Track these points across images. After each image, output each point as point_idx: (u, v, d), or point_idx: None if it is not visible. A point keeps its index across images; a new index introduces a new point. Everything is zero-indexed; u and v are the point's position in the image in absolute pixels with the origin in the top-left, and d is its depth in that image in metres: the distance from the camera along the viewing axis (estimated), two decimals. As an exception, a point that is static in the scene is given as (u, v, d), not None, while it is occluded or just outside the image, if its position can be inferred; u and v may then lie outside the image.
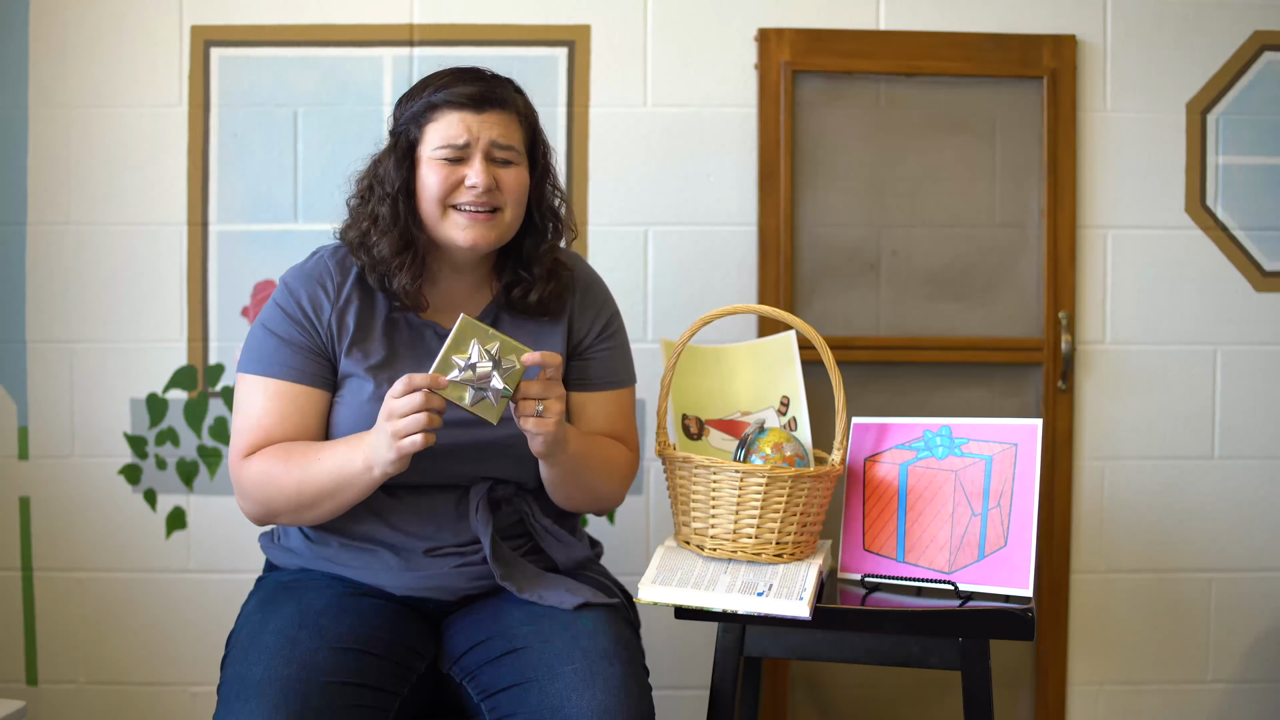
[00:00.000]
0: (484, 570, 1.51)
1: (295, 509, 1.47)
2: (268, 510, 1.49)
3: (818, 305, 2.15)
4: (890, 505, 1.61)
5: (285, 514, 1.49)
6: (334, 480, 1.43)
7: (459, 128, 1.47)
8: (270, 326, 1.52)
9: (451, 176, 1.47)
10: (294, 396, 1.50)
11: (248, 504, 1.51)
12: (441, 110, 1.48)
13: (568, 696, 1.34)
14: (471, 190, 1.47)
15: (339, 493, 1.44)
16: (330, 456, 1.44)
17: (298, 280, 1.54)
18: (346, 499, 1.45)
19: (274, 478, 1.46)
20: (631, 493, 2.16)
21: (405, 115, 1.51)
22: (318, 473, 1.44)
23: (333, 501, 1.45)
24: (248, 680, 1.32)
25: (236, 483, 1.51)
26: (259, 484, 1.47)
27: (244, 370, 1.52)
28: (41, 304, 2.12)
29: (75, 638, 2.15)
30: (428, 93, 1.49)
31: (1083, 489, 2.18)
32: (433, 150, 1.47)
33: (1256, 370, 2.18)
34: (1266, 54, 2.15)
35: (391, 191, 1.48)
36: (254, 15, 2.11)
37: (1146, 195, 2.16)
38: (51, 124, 2.11)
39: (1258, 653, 2.21)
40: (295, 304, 1.52)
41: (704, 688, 2.14)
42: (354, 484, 1.43)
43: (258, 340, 1.53)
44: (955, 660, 1.50)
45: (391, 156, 1.50)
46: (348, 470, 1.42)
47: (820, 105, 2.14)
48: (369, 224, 1.50)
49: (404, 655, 1.44)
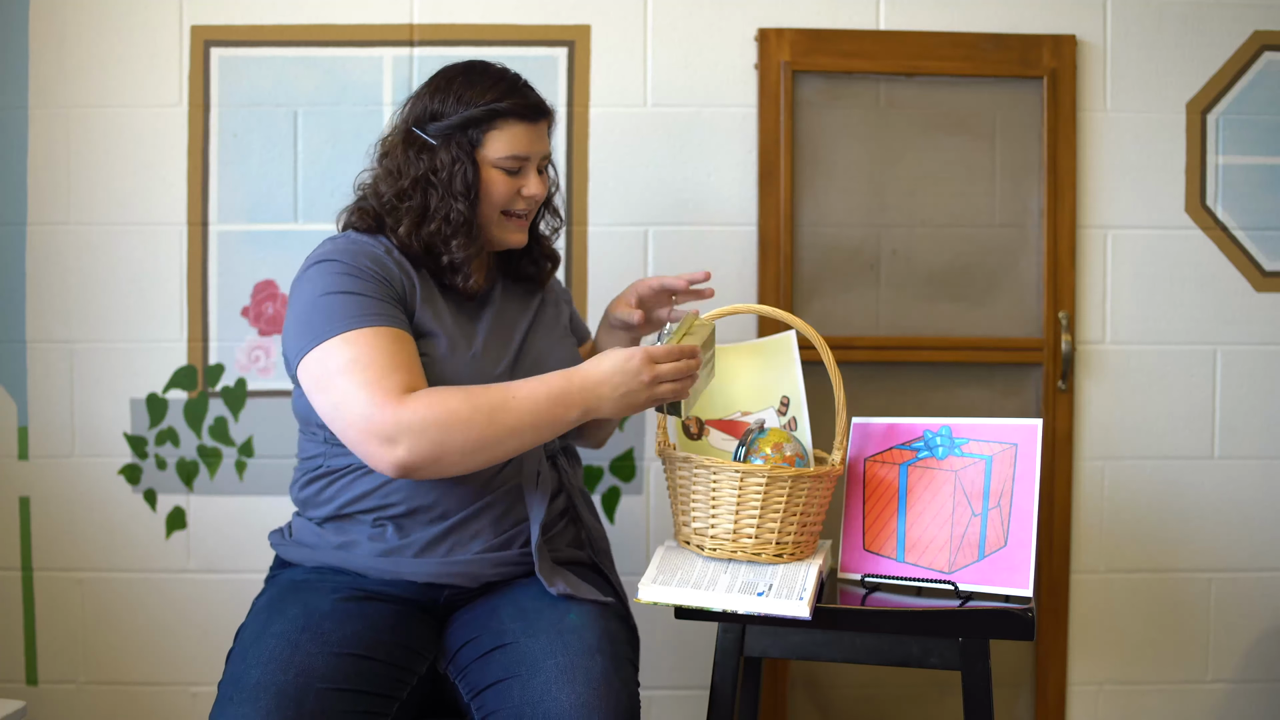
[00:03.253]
0: (510, 557, 1.54)
1: (473, 451, 1.41)
2: (435, 452, 1.39)
3: (818, 305, 2.15)
4: (890, 505, 1.61)
5: (457, 457, 1.41)
6: (534, 424, 1.43)
7: (524, 140, 1.56)
8: (339, 289, 1.46)
9: (512, 186, 1.57)
10: (405, 343, 1.45)
11: (410, 445, 1.38)
12: (508, 120, 1.55)
13: (548, 691, 1.34)
14: (529, 200, 1.59)
15: (536, 436, 1.44)
16: (531, 397, 1.43)
17: (342, 251, 1.51)
18: (538, 438, 1.45)
19: (454, 417, 1.39)
20: (631, 493, 2.16)
21: (460, 115, 1.54)
22: (517, 414, 1.42)
23: (520, 443, 1.44)
24: (243, 683, 1.32)
25: (391, 427, 1.38)
26: (431, 422, 1.38)
27: (329, 336, 1.43)
28: (41, 304, 2.12)
29: (75, 638, 2.15)
30: (488, 99, 1.54)
31: (1083, 489, 2.18)
32: (498, 158, 1.55)
33: (1256, 370, 2.19)
34: (1266, 54, 2.16)
35: (466, 192, 1.54)
36: (254, 15, 2.11)
37: (1146, 195, 2.16)
38: (51, 124, 2.11)
39: (1258, 653, 2.21)
40: (358, 265, 1.49)
41: (704, 688, 2.14)
42: (557, 429, 1.45)
43: (328, 307, 1.45)
44: (955, 660, 1.50)
45: (453, 155, 1.53)
46: (558, 419, 1.43)
47: (820, 105, 2.14)
48: (440, 224, 1.53)
49: (405, 658, 1.44)
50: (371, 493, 1.52)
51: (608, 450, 2.16)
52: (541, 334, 1.66)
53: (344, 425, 1.41)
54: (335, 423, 1.43)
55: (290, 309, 1.51)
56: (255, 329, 2.12)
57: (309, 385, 1.45)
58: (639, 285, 1.69)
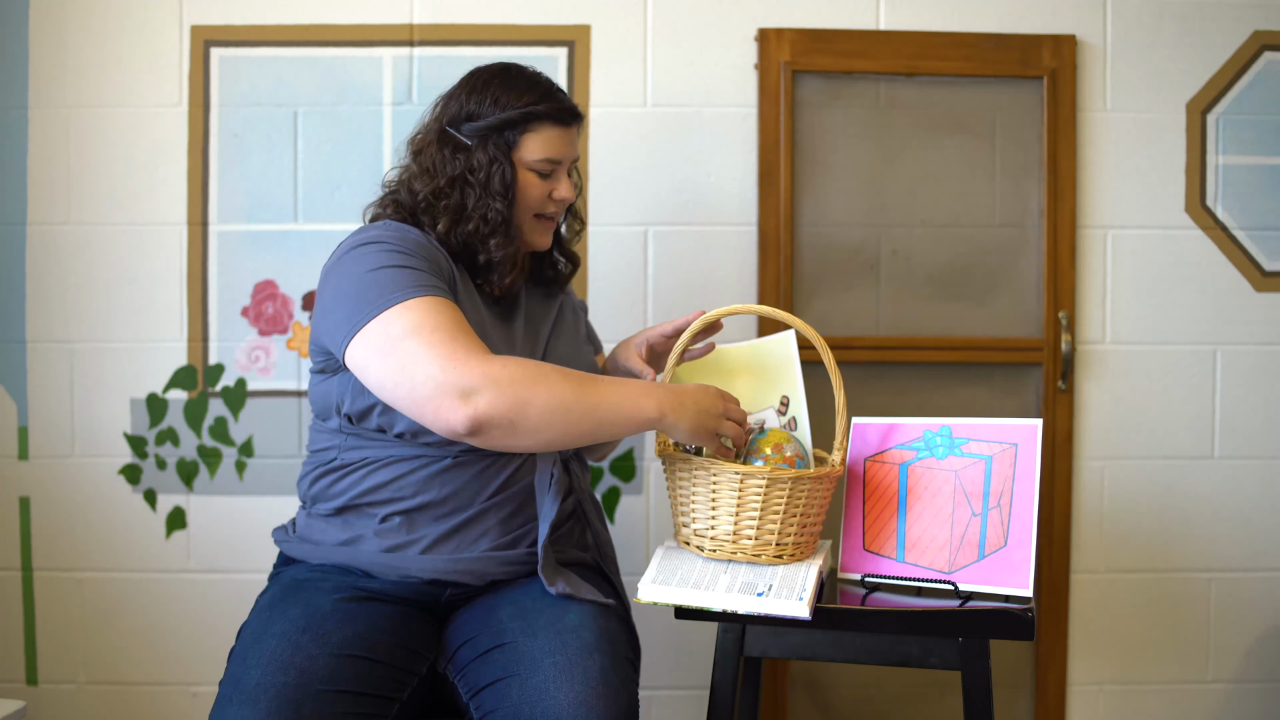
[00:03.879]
0: (516, 555, 1.54)
1: (556, 412, 1.37)
2: (517, 406, 1.35)
3: (818, 305, 2.15)
4: (890, 505, 1.61)
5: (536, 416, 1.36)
6: (616, 406, 1.41)
7: (560, 144, 1.58)
8: (394, 264, 1.43)
9: (545, 189, 1.59)
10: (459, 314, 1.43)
11: (492, 397, 1.34)
12: (543, 124, 1.56)
13: (546, 689, 1.34)
14: (560, 203, 1.61)
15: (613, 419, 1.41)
16: (618, 386, 1.43)
17: (390, 233, 1.50)
18: (610, 432, 1.43)
19: (543, 375, 1.37)
20: (631, 493, 2.16)
21: (497, 116, 1.55)
22: (603, 392, 1.41)
23: (596, 424, 1.41)
24: (243, 684, 1.32)
25: (476, 376, 1.34)
26: (519, 378, 1.35)
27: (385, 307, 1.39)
28: (41, 304, 2.12)
29: (75, 638, 2.15)
30: (525, 101, 1.55)
31: (1083, 489, 2.18)
32: (534, 160, 1.57)
33: (1256, 370, 2.19)
34: (1266, 54, 2.16)
35: (504, 193, 1.55)
36: (254, 15, 2.11)
37: (1146, 195, 2.16)
38: (51, 124, 2.11)
39: (1258, 653, 2.21)
40: (406, 245, 1.48)
41: (704, 688, 2.14)
42: (633, 421, 1.43)
43: (380, 281, 1.41)
44: (955, 660, 1.50)
45: (490, 155, 1.54)
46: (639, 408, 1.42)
47: (820, 105, 2.14)
48: (478, 223, 1.54)
49: (406, 659, 1.44)
50: (383, 486, 1.52)
51: (608, 450, 2.16)
52: (564, 339, 1.67)
53: (412, 386, 1.35)
54: (401, 385, 1.36)
55: (333, 289, 1.46)
56: (255, 329, 2.12)
57: (366, 355, 1.39)
58: (650, 334, 1.69)
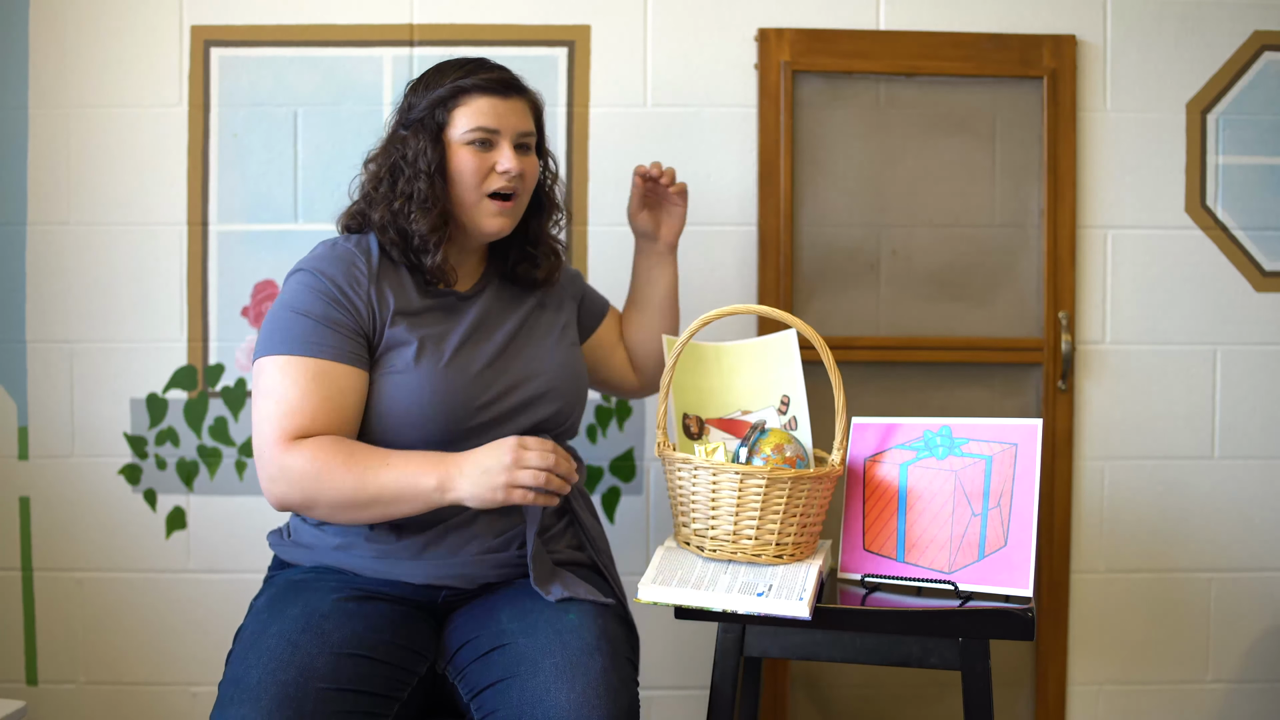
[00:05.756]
0: (507, 558, 1.54)
1: (341, 507, 1.45)
2: (307, 502, 1.45)
3: (818, 305, 2.15)
4: (890, 505, 1.61)
5: (325, 510, 1.46)
6: (396, 491, 1.44)
7: (490, 112, 1.55)
8: (301, 309, 1.49)
9: (484, 163, 1.56)
10: (336, 377, 1.47)
11: (285, 489, 1.45)
12: (471, 95, 1.55)
13: (547, 690, 1.34)
14: (504, 175, 1.55)
15: (397, 503, 1.45)
16: (401, 466, 1.44)
17: (324, 263, 1.54)
18: (402, 511, 1.46)
19: (329, 473, 1.43)
20: (631, 493, 2.16)
21: (427, 100, 1.56)
22: (383, 480, 1.43)
23: (385, 510, 1.45)
24: (244, 683, 1.32)
25: (275, 468, 1.44)
26: (307, 475, 1.43)
27: (273, 352, 1.48)
28: (41, 304, 2.12)
29: (75, 638, 2.15)
30: (452, 78, 1.55)
31: (1083, 489, 2.18)
32: (464, 133, 1.55)
33: (1256, 370, 2.18)
34: (1266, 54, 2.16)
35: (428, 170, 1.54)
36: (254, 15, 2.11)
37: (1146, 195, 2.16)
38: (51, 124, 2.11)
39: (1258, 653, 2.21)
40: (329, 284, 1.51)
41: (704, 688, 2.14)
42: (417, 500, 1.44)
43: (285, 323, 1.49)
44: (955, 660, 1.50)
45: (420, 138, 1.55)
46: (417, 487, 1.43)
47: (820, 105, 2.14)
48: (403, 202, 1.54)
49: (406, 659, 1.44)
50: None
51: (608, 450, 2.16)
52: (534, 338, 1.64)
53: (254, 440, 1.49)
54: (253, 431, 1.52)
55: (271, 306, 1.56)
56: (255, 329, 2.12)
57: (252, 384, 1.53)
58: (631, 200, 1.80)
